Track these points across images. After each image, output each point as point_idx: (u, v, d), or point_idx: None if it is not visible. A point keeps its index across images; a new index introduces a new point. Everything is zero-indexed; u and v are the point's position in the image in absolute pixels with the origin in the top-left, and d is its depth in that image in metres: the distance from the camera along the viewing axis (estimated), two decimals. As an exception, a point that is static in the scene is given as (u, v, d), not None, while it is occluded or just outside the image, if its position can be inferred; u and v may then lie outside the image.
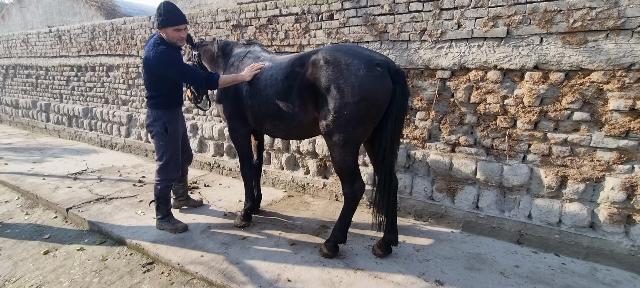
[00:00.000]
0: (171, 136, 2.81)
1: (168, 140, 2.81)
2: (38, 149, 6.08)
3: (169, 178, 2.89)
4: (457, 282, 2.31)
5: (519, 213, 2.83)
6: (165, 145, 2.82)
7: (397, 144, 2.31)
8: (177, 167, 2.92)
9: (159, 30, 2.60)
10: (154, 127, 2.79)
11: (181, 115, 2.99)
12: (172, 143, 2.84)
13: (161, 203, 2.93)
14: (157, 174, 2.87)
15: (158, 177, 2.87)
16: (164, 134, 2.78)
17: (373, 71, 2.07)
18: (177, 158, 2.91)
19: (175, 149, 2.88)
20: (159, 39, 2.62)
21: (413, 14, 2.95)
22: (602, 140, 2.51)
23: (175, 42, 2.63)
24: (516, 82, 2.71)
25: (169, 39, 2.61)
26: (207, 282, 2.34)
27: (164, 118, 2.76)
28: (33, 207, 3.72)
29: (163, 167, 2.85)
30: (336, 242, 2.52)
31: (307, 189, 3.91)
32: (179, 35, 2.61)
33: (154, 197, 2.94)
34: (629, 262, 2.47)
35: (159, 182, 2.87)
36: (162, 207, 2.94)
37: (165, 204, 2.95)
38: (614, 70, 2.37)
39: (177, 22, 2.57)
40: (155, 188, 2.90)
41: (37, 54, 7.40)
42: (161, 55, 2.51)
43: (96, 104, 6.48)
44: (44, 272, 2.54)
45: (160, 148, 2.83)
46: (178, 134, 2.90)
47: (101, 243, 2.92)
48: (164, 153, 2.83)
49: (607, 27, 2.32)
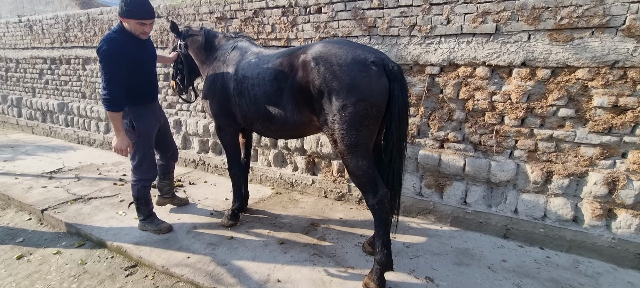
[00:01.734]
0: (140, 134, 2.63)
1: (137, 138, 2.63)
2: (9, 146, 5.76)
3: (144, 178, 2.75)
4: (447, 278, 2.32)
5: (506, 208, 2.88)
6: (135, 143, 2.63)
7: (405, 144, 2.18)
8: (152, 166, 2.79)
9: (121, 19, 2.40)
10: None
11: (156, 110, 2.80)
12: (142, 141, 2.66)
13: (141, 204, 2.82)
14: (132, 174, 2.75)
15: (134, 178, 2.74)
16: (132, 131, 2.59)
17: (368, 70, 1.98)
18: (150, 157, 2.76)
19: (148, 148, 2.72)
20: (117, 27, 2.43)
21: (402, 8, 2.91)
22: (586, 136, 2.56)
23: (138, 35, 2.46)
24: (504, 78, 2.72)
25: (131, 30, 2.43)
26: (193, 285, 2.26)
27: (130, 114, 2.57)
28: (4, 208, 3.51)
29: (137, 167, 2.71)
30: (382, 271, 2.14)
31: (295, 186, 3.85)
32: (143, 29, 2.44)
33: (133, 198, 2.82)
34: (609, 254, 2.55)
35: (135, 183, 2.75)
36: (142, 207, 2.83)
37: (145, 204, 2.83)
38: (598, 67, 2.41)
39: (143, 16, 2.38)
40: (133, 189, 2.78)
41: (6, 45, 6.97)
42: (105, 43, 2.31)
43: (72, 99, 6.18)
44: (17, 278, 2.39)
45: (131, 147, 2.62)
46: (149, 131, 2.71)
47: (80, 246, 2.78)
48: (136, 152, 2.66)
49: (592, 25, 2.36)
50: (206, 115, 4.50)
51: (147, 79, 2.63)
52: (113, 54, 2.32)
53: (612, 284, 2.31)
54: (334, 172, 3.58)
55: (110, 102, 2.36)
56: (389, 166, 2.17)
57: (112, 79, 2.34)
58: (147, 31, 2.47)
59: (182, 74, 3.06)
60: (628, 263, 2.50)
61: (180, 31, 3.00)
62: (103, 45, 2.31)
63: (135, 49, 2.47)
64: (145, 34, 2.49)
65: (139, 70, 2.52)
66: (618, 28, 2.33)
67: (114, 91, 2.35)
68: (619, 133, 2.47)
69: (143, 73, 2.56)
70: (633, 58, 2.32)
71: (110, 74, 2.33)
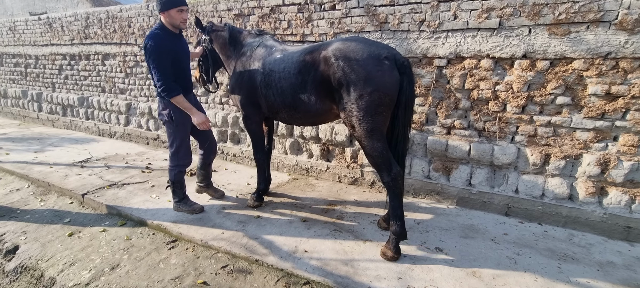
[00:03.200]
0: (178, 124, 2.88)
1: (175, 128, 2.90)
2: (35, 139, 6.07)
3: (180, 164, 3.03)
4: (455, 248, 2.61)
5: (507, 189, 3.15)
6: (173, 133, 2.93)
7: (409, 130, 2.49)
8: (187, 153, 3.03)
9: (161, 15, 2.65)
10: (162, 115, 2.90)
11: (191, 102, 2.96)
12: (179, 131, 2.92)
13: (176, 187, 3.12)
14: (170, 160, 3.03)
15: (171, 163, 3.03)
16: (171, 122, 2.86)
17: (381, 64, 2.25)
18: (186, 145, 3.01)
19: (184, 137, 2.97)
20: (158, 25, 2.69)
21: (412, 5, 3.15)
22: (581, 122, 2.82)
23: (179, 24, 2.69)
24: (507, 69, 2.97)
25: (172, 22, 2.66)
26: (231, 255, 2.57)
27: (169, 106, 2.82)
28: (46, 193, 3.82)
29: (174, 154, 2.99)
30: (398, 240, 2.43)
31: (310, 172, 4.14)
32: (182, 16, 2.66)
33: (169, 182, 3.12)
34: (601, 228, 2.83)
35: (172, 168, 3.04)
36: (177, 190, 3.13)
37: (180, 188, 3.13)
38: (593, 58, 2.66)
39: (181, 3, 2.63)
40: (170, 174, 3.07)
41: (25, 42, 7.24)
42: (151, 39, 2.57)
43: (92, 93, 6.46)
44: (73, 251, 2.71)
45: (170, 136, 2.95)
46: (185, 121, 2.92)
47: (122, 225, 3.09)
48: (174, 140, 2.95)
49: (588, 20, 2.60)
50: (228, 106, 4.77)
51: (184, 73, 2.90)
52: (159, 48, 2.60)
53: (603, 252, 2.59)
54: (348, 158, 3.86)
55: (169, 90, 2.67)
56: (394, 149, 2.47)
57: (163, 70, 2.63)
58: (185, 18, 2.72)
59: (207, 66, 3.31)
60: (617, 235, 2.78)
61: (203, 26, 3.24)
62: (149, 42, 2.58)
63: (173, 44, 2.74)
64: (184, 22, 2.73)
65: (178, 64, 2.79)
66: (611, 22, 2.57)
67: (167, 80, 2.66)
68: (611, 118, 2.73)
69: (180, 67, 2.83)
70: (624, 49, 2.56)
71: (160, 67, 2.62)
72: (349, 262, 2.43)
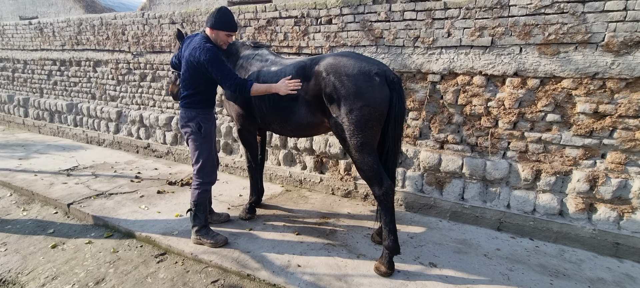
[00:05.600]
0: (205, 135, 2.72)
1: (203, 140, 2.71)
2: (20, 145, 5.90)
3: (206, 182, 2.76)
4: (448, 263, 2.60)
5: (499, 204, 3.18)
6: (200, 145, 2.71)
7: (399, 145, 2.51)
8: (213, 169, 2.82)
9: (210, 30, 2.64)
10: (188, 127, 2.70)
11: (214, 115, 2.88)
12: (206, 143, 2.74)
13: (199, 211, 2.77)
14: (194, 178, 2.77)
15: (196, 182, 2.75)
16: (199, 133, 2.68)
17: (372, 80, 2.29)
18: (212, 160, 2.80)
19: (210, 150, 2.78)
20: (204, 37, 2.66)
21: (407, 22, 3.21)
22: (570, 139, 2.88)
23: (221, 45, 2.73)
24: (498, 86, 3.03)
25: (216, 40, 2.68)
26: (222, 269, 2.50)
27: (198, 117, 2.68)
28: (29, 202, 3.69)
29: (200, 170, 2.73)
30: (391, 255, 2.41)
31: (304, 184, 4.11)
32: (227, 40, 2.71)
33: (191, 203, 2.78)
34: (590, 244, 2.86)
35: (197, 186, 2.74)
36: (199, 215, 2.78)
37: (202, 212, 2.79)
38: (581, 78, 2.73)
39: (232, 29, 2.66)
40: (192, 194, 2.76)
41: (14, 46, 7.11)
42: (209, 52, 2.52)
43: (82, 100, 6.35)
44: (56, 264, 2.60)
45: (195, 149, 2.71)
46: (212, 133, 2.81)
47: (109, 237, 2.99)
48: (200, 154, 2.71)
49: (576, 41, 2.68)
50: (222, 116, 4.73)
51: (215, 85, 2.79)
52: (216, 54, 2.55)
53: (593, 269, 2.62)
54: (341, 171, 3.85)
55: (242, 86, 2.54)
56: (384, 164, 2.49)
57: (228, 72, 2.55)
58: (228, 42, 2.74)
59: None
60: (607, 252, 2.81)
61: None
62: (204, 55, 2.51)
63: None
64: (226, 45, 2.75)
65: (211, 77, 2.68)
66: (598, 44, 2.65)
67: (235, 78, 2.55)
68: (599, 136, 2.79)
69: (211, 79, 2.69)
70: (611, 70, 2.64)
71: (225, 69, 2.55)
72: (342, 277, 2.39)
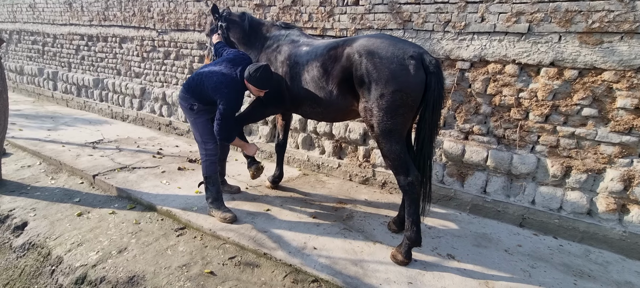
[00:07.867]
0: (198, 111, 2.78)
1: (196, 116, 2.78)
2: (49, 117, 6.13)
3: (211, 154, 2.82)
4: (467, 256, 2.54)
5: (524, 199, 3.06)
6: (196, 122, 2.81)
7: (436, 133, 2.36)
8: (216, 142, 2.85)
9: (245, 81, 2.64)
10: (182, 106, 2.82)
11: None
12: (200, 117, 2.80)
13: (209, 183, 2.85)
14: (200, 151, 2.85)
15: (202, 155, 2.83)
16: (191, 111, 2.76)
17: (406, 64, 2.17)
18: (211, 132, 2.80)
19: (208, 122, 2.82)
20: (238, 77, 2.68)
21: (438, 5, 3.07)
22: (606, 135, 2.71)
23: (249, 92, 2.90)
24: (532, 76, 2.88)
25: (248, 89, 2.71)
26: (239, 247, 2.54)
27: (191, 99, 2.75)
28: (57, 172, 3.84)
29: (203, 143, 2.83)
30: (411, 246, 2.36)
31: (321, 168, 4.09)
32: (258, 93, 2.72)
33: (203, 177, 2.88)
34: (619, 246, 2.73)
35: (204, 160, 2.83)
36: (210, 187, 2.86)
37: (213, 184, 2.85)
38: (624, 70, 2.55)
39: (265, 88, 2.66)
40: (202, 168, 2.86)
41: (44, 20, 7.31)
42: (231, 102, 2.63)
43: (107, 75, 6.50)
44: (81, 231, 2.71)
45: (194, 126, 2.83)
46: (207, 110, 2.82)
47: (131, 209, 3.08)
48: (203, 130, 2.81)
49: (622, 30, 2.49)
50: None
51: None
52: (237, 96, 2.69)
53: (620, 272, 2.50)
54: (360, 157, 3.80)
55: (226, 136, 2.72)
56: (419, 153, 2.37)
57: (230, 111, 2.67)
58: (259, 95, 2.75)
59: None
60: (636, 255, 2.68)
61: (221, 13, 3.12)
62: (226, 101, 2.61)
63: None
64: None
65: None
66: (647, 34, 2.45)
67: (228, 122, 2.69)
68: (638, 134, 2.62)
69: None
70: (659, 63, 2.45)
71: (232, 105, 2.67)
72: (358, 262, 2.38)
